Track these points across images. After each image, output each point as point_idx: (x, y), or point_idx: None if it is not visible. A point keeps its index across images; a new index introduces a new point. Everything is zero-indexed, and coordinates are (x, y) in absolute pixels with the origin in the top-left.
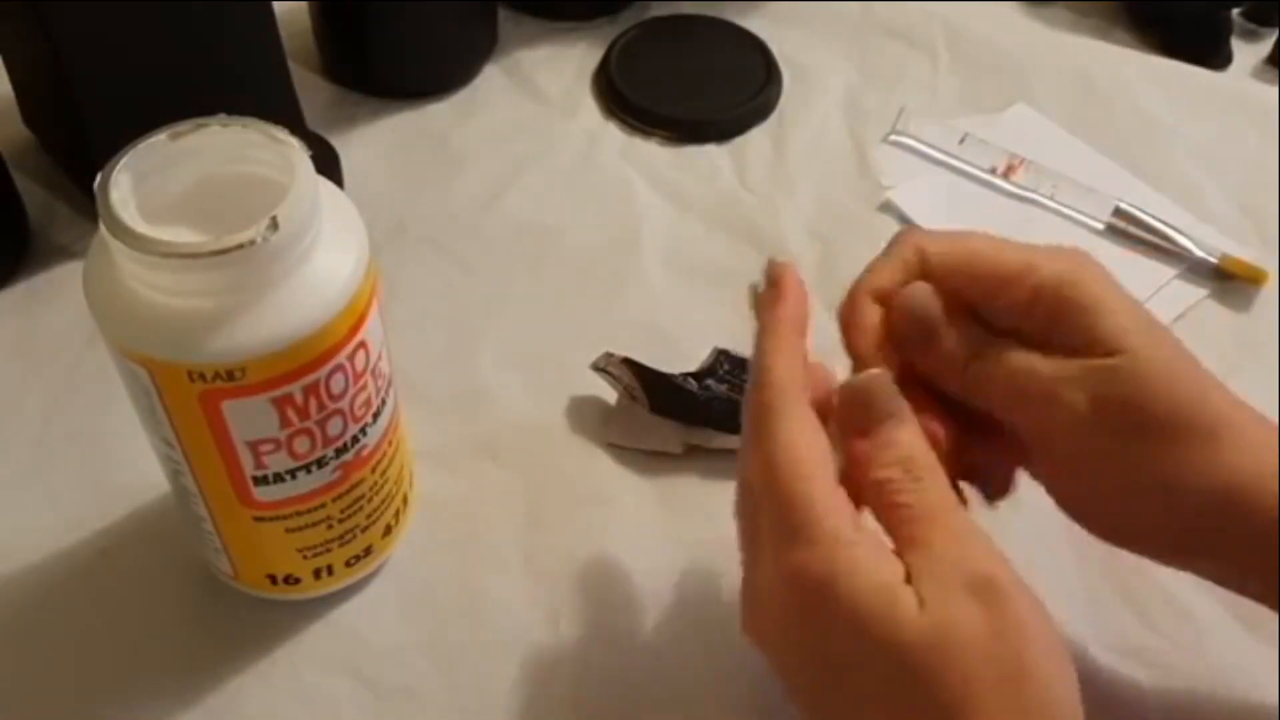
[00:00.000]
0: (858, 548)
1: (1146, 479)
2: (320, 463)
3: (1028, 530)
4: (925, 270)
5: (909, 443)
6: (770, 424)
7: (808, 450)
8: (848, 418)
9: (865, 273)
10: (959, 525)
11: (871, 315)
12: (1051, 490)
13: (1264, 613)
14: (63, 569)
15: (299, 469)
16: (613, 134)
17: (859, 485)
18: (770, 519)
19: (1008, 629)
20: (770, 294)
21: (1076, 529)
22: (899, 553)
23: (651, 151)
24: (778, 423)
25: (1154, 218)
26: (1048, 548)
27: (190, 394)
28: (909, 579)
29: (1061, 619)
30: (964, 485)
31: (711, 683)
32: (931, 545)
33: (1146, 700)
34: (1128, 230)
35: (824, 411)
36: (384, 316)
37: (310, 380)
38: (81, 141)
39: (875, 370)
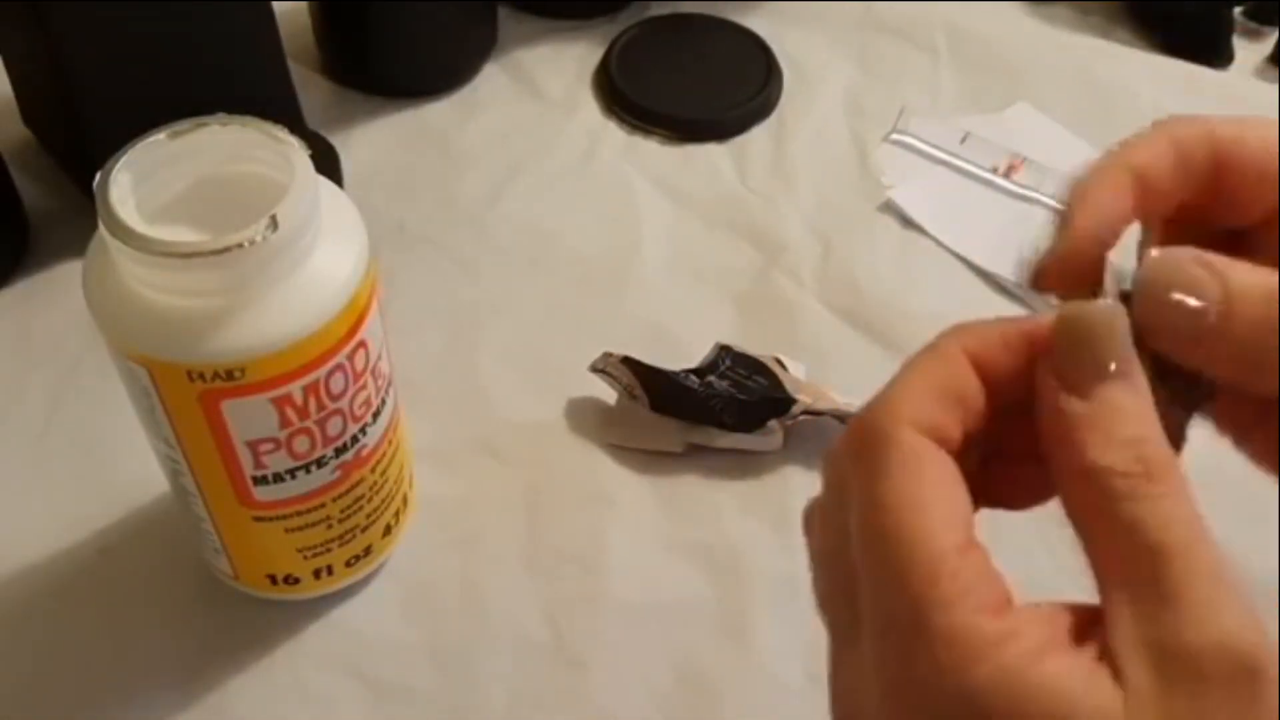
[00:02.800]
0: (1010, 644)
1: None
2: (320, 462)
3: (1026, 529)
4: (1217, 158)
5: (1142, 420)
6: (877, 460)
7: (933, 499)
8: (1058, 363)
9: (1119, 146)
10: (1211, 566)
11: (1121, 196)
12: None
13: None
14: (63, 569)
15: (299, 469)
16: (613, 133)
17: (1055, 472)
18: (874, 599)
19: None
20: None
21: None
22: (1102, 598)
23: (652, 151)
24: (887, 460)
25: None
26: (1048, 547)
27: (190, 394)
28: (1102, 653)
29: None
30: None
31: (715, 681)
32: (1173, 598)
33: None
34: None
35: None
36: (384, 316)
37: (310, 380)
38: (81, 141)
39: (1107, 301)
